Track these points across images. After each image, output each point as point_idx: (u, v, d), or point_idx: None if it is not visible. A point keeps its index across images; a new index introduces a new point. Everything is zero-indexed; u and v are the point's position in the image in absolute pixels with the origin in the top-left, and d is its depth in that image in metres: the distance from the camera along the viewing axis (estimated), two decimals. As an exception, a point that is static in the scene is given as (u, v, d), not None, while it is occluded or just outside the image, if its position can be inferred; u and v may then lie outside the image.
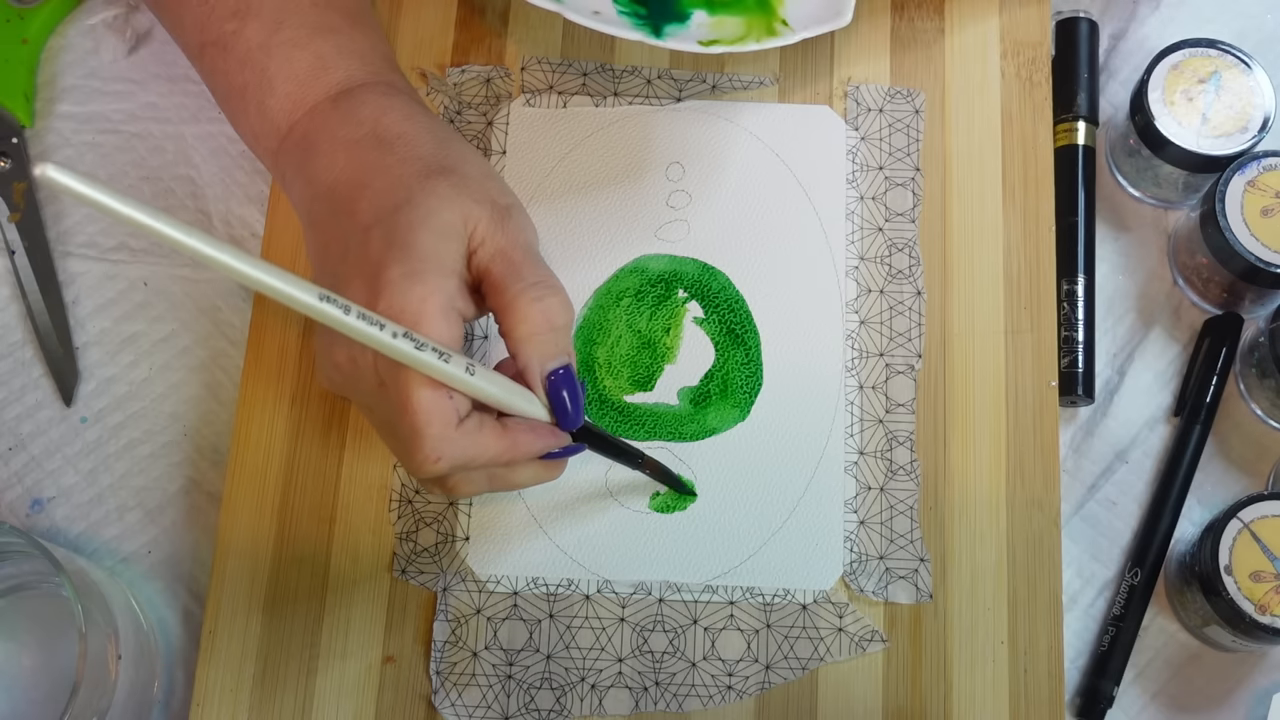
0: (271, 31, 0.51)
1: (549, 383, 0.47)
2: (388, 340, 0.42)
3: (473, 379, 0.44)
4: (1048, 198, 0.61)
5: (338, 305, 0.41)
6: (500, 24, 0.64)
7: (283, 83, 0.51)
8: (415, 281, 0.44)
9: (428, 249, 0.45)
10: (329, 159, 0.49)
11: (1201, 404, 0.60)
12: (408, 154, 0.49)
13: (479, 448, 0.46)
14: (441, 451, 0.44)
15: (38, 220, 0.64)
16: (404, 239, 0.45)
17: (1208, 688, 0.58)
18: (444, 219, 0.46)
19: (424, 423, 0.44)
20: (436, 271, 0.45)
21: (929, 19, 0.64)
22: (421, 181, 0.47)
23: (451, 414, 0.44)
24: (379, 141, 0.49)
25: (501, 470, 0.49)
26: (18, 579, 0.57)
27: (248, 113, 0.52)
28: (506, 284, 0.46)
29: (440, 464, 0.44)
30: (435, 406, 0.44)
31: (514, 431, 0.47)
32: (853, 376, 0.58)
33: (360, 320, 0.41)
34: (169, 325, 0.63)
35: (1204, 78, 0.61)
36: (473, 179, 0.48)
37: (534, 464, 0.49)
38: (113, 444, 0.61)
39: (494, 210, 0.47)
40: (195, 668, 0.55)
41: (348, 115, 0.50)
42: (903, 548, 0.56)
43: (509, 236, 0.47)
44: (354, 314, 0.41)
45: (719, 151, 0.62)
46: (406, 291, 0.44)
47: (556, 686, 0.55)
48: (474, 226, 0.47)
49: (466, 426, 0.45)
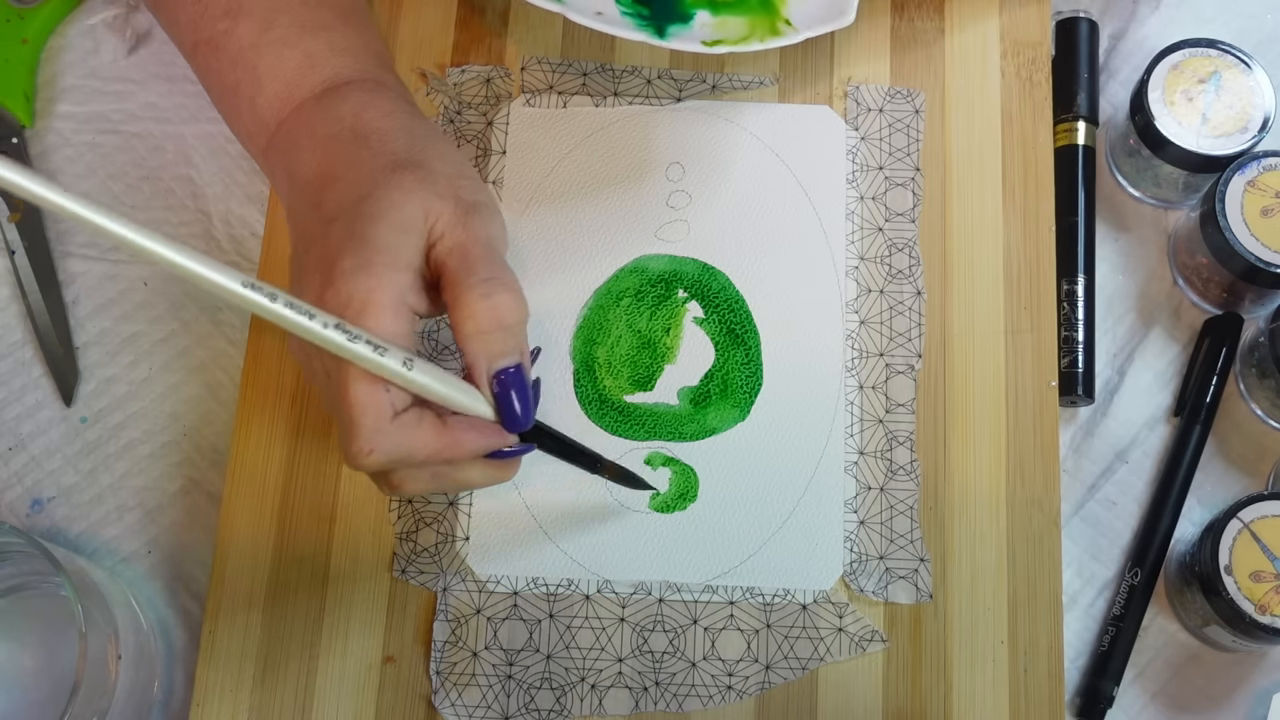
0: (262, 30, 0.51)
1: (496, 382, 0.46)
2: (317, 330, 0.42)
3: (410, 373, 0.44)
4: (1048, 198, 0.61)
5: (263, 292, 0.41)
6: (500, 24, 0.64)
7: (272, 81, 0.51)
8: (365, 273, 0.44)
9: (383, 241, 0.45)
10: (308, 154, 0.50)
11: (1201, 404, 0.60)
12: (380, 149, 0.49)
13: (415, 443, 0.45)
14: (375, 444, 0.44)
15: (38, 220, 0.64)
16: (361, 231, 0.45)
17: (1208, 688, 0.58)
18: (404, 212, 0.46)
19: (358, 414, 0.44)
20: (389, 265, 0.45)
21: (929, 19, 0.64)
22: (387, 175, 0.47)
23: (386, 407, 0.44)
24: (354, 136, 0.49)
25: (445, 468, 0.48)
26: (18, 579, 0.57)
27: (240, 112, 0.52)
28: (458, 279, 0.46)
29: (373, 456, 0.44)
30: (370, 398, 0.44)
31: (454, 429, 0.46)
32: (853, 376, 0.58)
33: (288, 309, 0.41)
34: (169, 325, 0.63)
35: (1204, 78, 0.61)
36: (440, 175, 0.48)
37: (481, 463, 0.48)
38: (113, 444, 0.61)
39: (458, 206, 0.47)
40: (195, 668, 0.55)
41: (329, 111, 0.50)
42: (903, 548, 0.56)
43: (469, 232, 0.47)
44: (280, 301, 0.41)
45: (719, 151, 0.62)
46: (355, 283, 0.44)
47: (556, 686, 0.55)
48: (434, 220, 0.46)
49: (404, 420, 0.45)
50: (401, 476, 0.47)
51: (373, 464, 0.44)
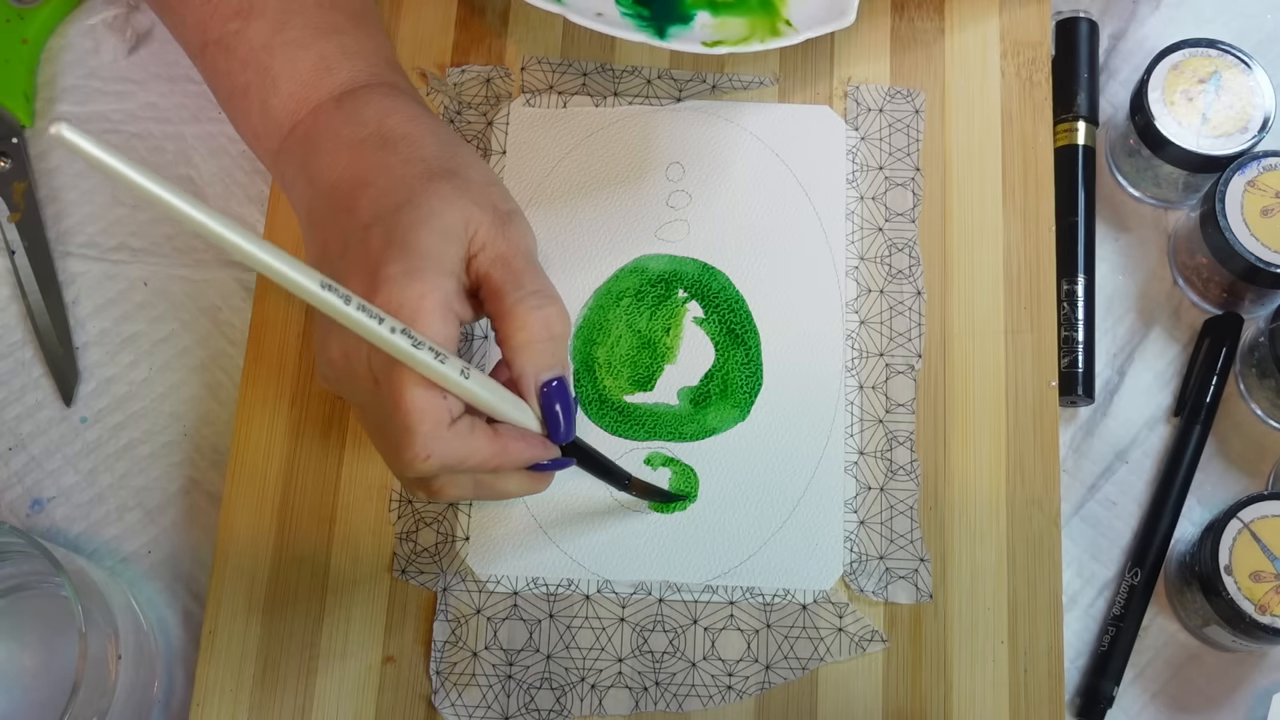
0: (275, 31, 0.51)
1: (542, 394, 0.47)
2: (385, 335, 0.42)
3: (467, 382, 0.44)
4: (1048, 198, 0.61)
5: (338, 294, 0.41)
6: (500, 24, 0.64)
7: (286, 82, 0.51)
8: (414, 279, 0.44)
9: (428, 248, 0.45)
10: (331, 158, 0.49)
11: (1201, 404, 0.60)
12: (411, 155, 0.49)
13: (469, 449, 0.45)
14: (432, 449, 0.44)
15: (38, 220, 0.64)
16: (404, 238, 0.45)
17: (1208, 688, 0.58)
18: (445, 220, 0.46)
19: (416, 420, 0.44)
20: (436, 270, 0.45)
21: (929, 19, 0.64)
22: (424, 183, 0.47)
23: (444, 413, 0.44)
24: (383, 141, 0.49)
25: (487, 477, 0.48)
26: (18, 579, 0.57)
27: (250, 112, 0.52)
28: (506, 290, 0.46)
29: (430, 462, 0.44)
30: (428, 404, 0.44)
31: (505, 438, 0.46)
32: (853, 376, 0.58)
33: (360, 312, 0.41)
34: (169, 325, 0.63)
35: (1204, 78, 0.61)
36: (475, 183, 0.48)
37: (521, 474, 0.49)
38: (113, 444, 0.61)
39: (496, 215, 0.47)
40: (195, 668, 0.55)
41: (351, 115, 0.50)
42: (903, 548, 0.56)
43: (510, 243, 0.47)
44: (354, 305, 0.41)
45: (719, 151, 0.62)
46: (405, 288, 0.44)
47: (556, 686, 0.55)
48: (475, 230, 0.47)
49: (458, 427, 0.45)
50: (444, 482, 0.47)
51: (428, 469, 0.44)
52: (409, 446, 0.44)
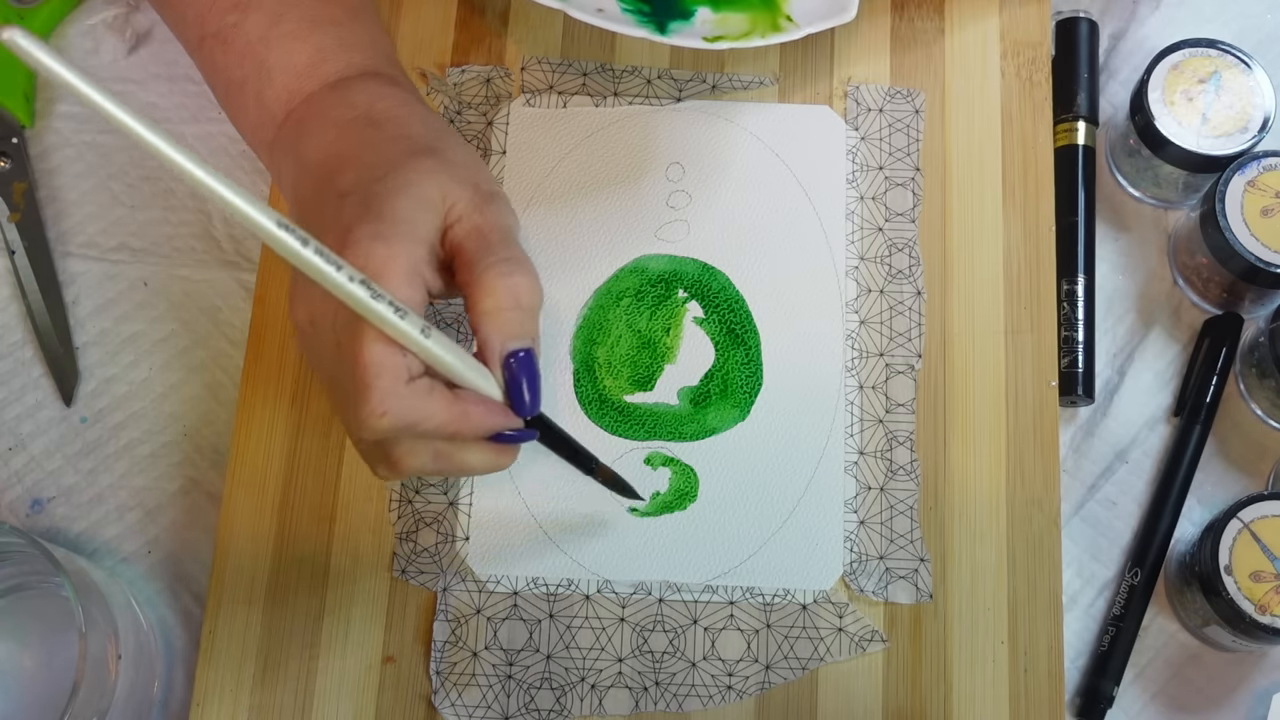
0: (271, 24, 0.51)
1: (507, 363, 0.46)
2: (342, 282, 0.41)
3: (427, 341, 0.43)
4: (1048, 198, 0.61)
5: (295, 236, 0.40)
6: (500, 24, 0.64)
7: (281, 74, 0.51)
8: (381, 242, 0.44)
9: (400, 214, 0.45)
10: (319, 138, 0.50)
11: (1201, 404, 0.60)
12: (397, 133, 0.49)
13: (426, 410, 0.44)
14: (388, 405, 0.43)
15: (38, 220, 0.64)
16: (379, 204, 0.45)
17: (1208, 688, 0.58)
18: (422, 190, 0.46)
19: (373, 375, 0.43)
20: (406, 236, 0.44)
21: (929, 19, 0.64)
22: (407, 158, 0.47)
23: (401, 369, 0.44)
24: (369, 122, 0.49)
25: (448, 447, 0.47)
26: (18, 579, 0.57)
27: (246, 106, 0.52)
28: (477, 258, 0.46)
29: (385, 419, 0.43)
30: (386, 359, 0.43)
31: (465, 401, 0.45)
32: (853, 376, 0.58)
33: (317, 256, 0.41)
34: (169, 325, 0.63)
35: (1204, 78, 0.61)
36: (458, 163, 0.48)
37: (483, 446, 0.48)
38: (113, 444, 0.61)
39: (476, 193, 0.47)
40: (195, 668, 0.55)
41: (342, 99, 0.50)
42: (903, 548, 0.56)
43: (486, 217, 0.47)
44: (311, 247, 0.40)
45: (719, 151, 0.62)
46: (371, 249, 0.43)
47: (556, 686, 0.55)
48: (452, 203, 0.47)
49: (416, 386, 0.44)
50: (403, 450, 0.46)
51: (383, 427, 0.44)
52: (365, 401, 0.43)
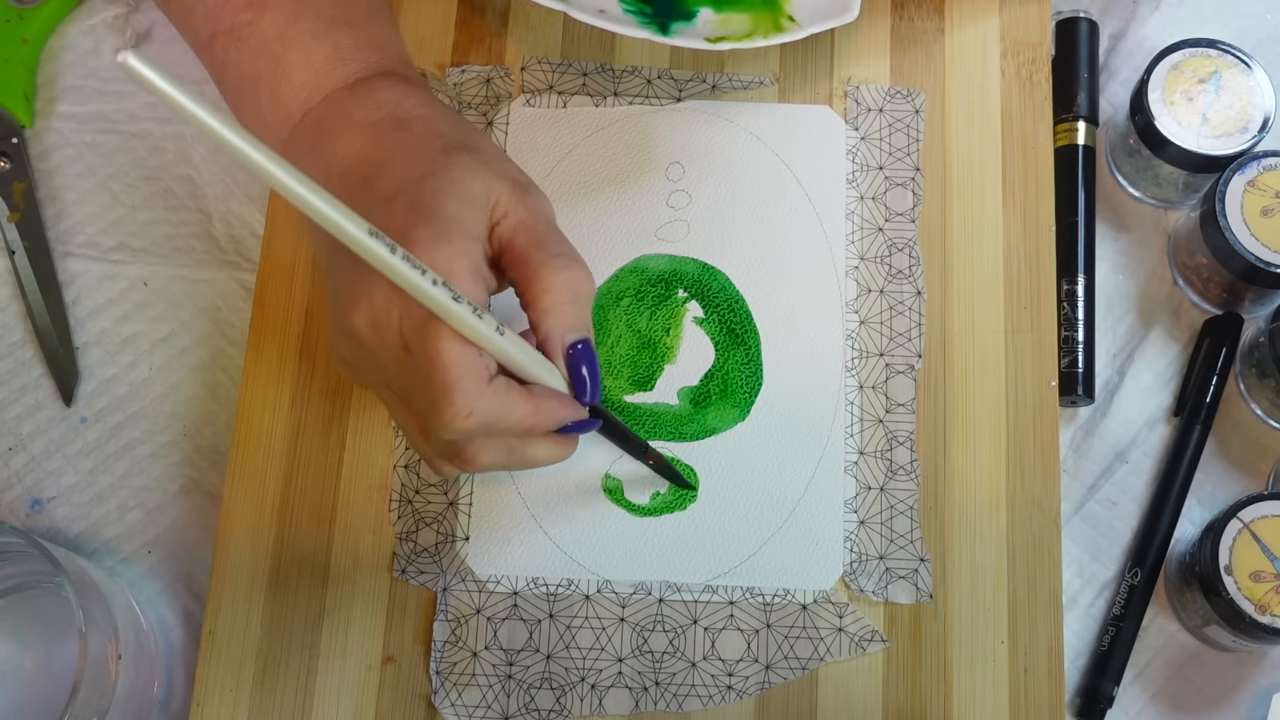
0: (289, 22, 0.51)
1: (569, 355, 0.47)
2: (428, 287, 0.41)
3: (501, 339, 0.44)
4: (1048, 198, 0.61)
5: (384, 243, 0.40)
6: (500, 24, 0.64)
7: (299, 71, 0.51)
8: (444, 242, 0.44)
9: (454, 214, 0.45)
10: (347, 140, 0.50)
11: (1201, 404, 0.60)
12: (427, 132, 0.49)
13: (507, 408, 0.45)
14: (473, 406, 0.44)
15: (38, 220, 0.64)
16: (430, 205, 0.45)
17: (1208, 688, 0.58)
18: (468, 188, 0.46)
19: (456, 377, 0.43)
20: (464, 235, 0.45)
21: (929, 19, 0.64)
22: (444, 156, 0.48)
23: (483, 369, 0.44)
24: (398, 122, 0.50)
25: (519, 442, 0.48)
26: (18, 579, 0.57)
27: (259, 102, 0.52)
28: (530, 254, 0.47)
29: (471, 420, 0.44)
30: (467, 360, 0.44)
31: (539, 397, 0.47)
32: (853, 376, 0.58)
33: (404, 262, 0.41)
34: (169, 325, 0.63)
35: (1204, 78, 0.61)
36: (492, 157, 0.49)
37: (549, 439, 0.49)
38: (113, 444, 0.61)
39: (514, 186, 0.48)
40: (195, 668, 0.55)
41: (365, 99, 0.51)
42: (903, 548, 0.56)
43: (530, 210, 0.48)
44: (399, 254, 0.41)
45: (719, 151, 0.62)
46: (435, 251, 0.44)
47: (556, 686, 0.55)
48: (496, 199, 0.47)
49: (496, 385, 0.45)
50: (479, 446, 0.47)
51: (469, 427, 0.44)
52: (449, 404, 0.44)
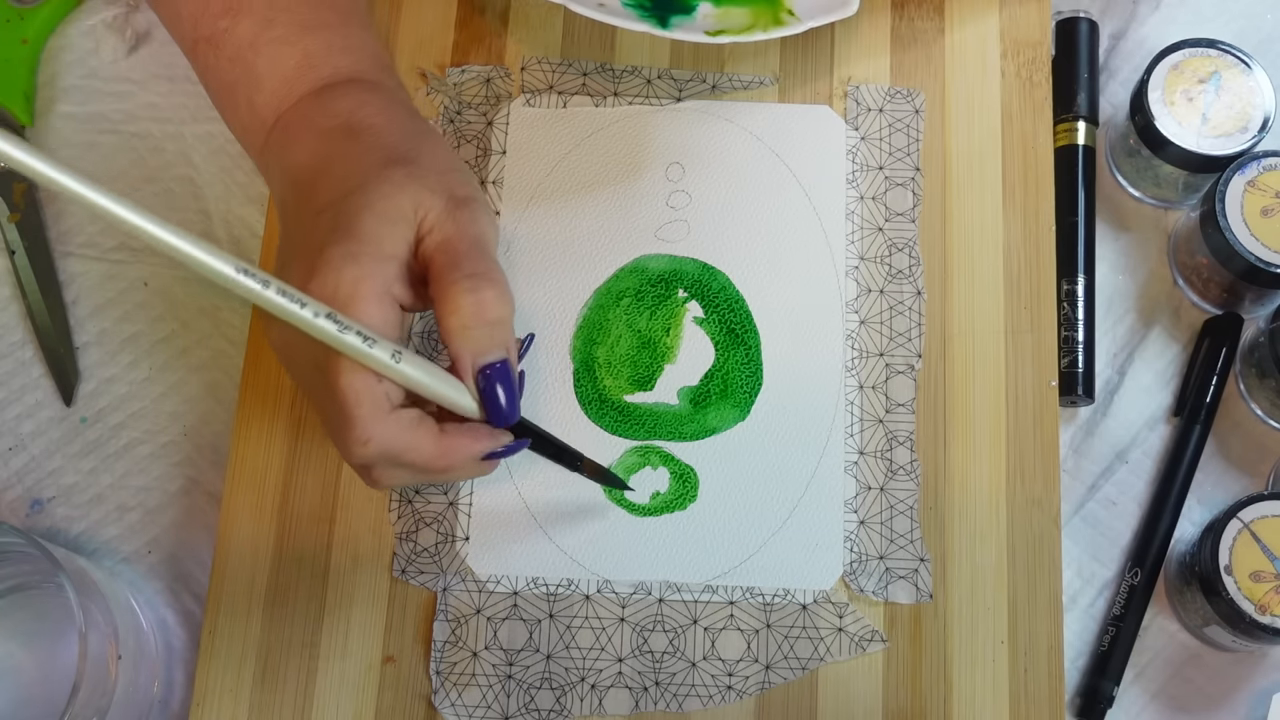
0: (262, 28, 0.51)
1: (481, 376, 0.47)
2: (308, 318, 0.42)
3: (398, 365, 0.44)
4: (1048, 198, 0.61)
5: (256, 279, 0.41)
6: (500, 24, 0.64)
7: (270, 79, 0.51)
8: (351, 262, 0.44)
9: (369, 232, 0.45)
10: (302, 146, 0.50)
11: (1201, 404, 0.60)
12: (373, 143, 0.49)
13: (411, 443, 0.45)
14: (370, 433, 0.44)
15: (38, 220, 0.64)
16: (349, 222, 0.45)
17: (1208, 688, 0.58)
18: (393, 203, 0.46)
19: (353, 404, 0.44)
20: (375, 255, 0.45)
21: (929, 18, 0.64)
22: (379, 169, 0.47)
23: (381, 397, 0.44)
24: (348, 131, 0.49)
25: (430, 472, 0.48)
26: (18, 579, 0.57)
27: (238, 109, 0.53)
28: (443, 273, 0.46)
29: (370, 447, 0.44)
30: (364, 388, 0.44)
31: (451, 436, 0.47)
32: (853, 376, 0.58)
33: (280, 296, 0.41)
34: (169, 325, 0.63)
35: (1204, 78, 0.61)
36: (432, 170, 0.48)
37: (469, 463, 0.49)
38: (113, 444, 0.61)
39: (449, 201, 0.47)
40: (195, 668, 0.55)
41: (326, 106, 0.51)
42: (903, 548, 0.56)
43: (458, 227, 0.47)
44: (273, 289, 0.41)
45: (719, 151, 0.62)
46: (341, 271, 0.44)
47: (556, 686, 0.55)
48: (424, 215, 0.47)
49: (401, 418, 0.45)
50: (381, 471, 0.47)
51: (370, 454, 0.45)
52: (349, 430, 0.44)
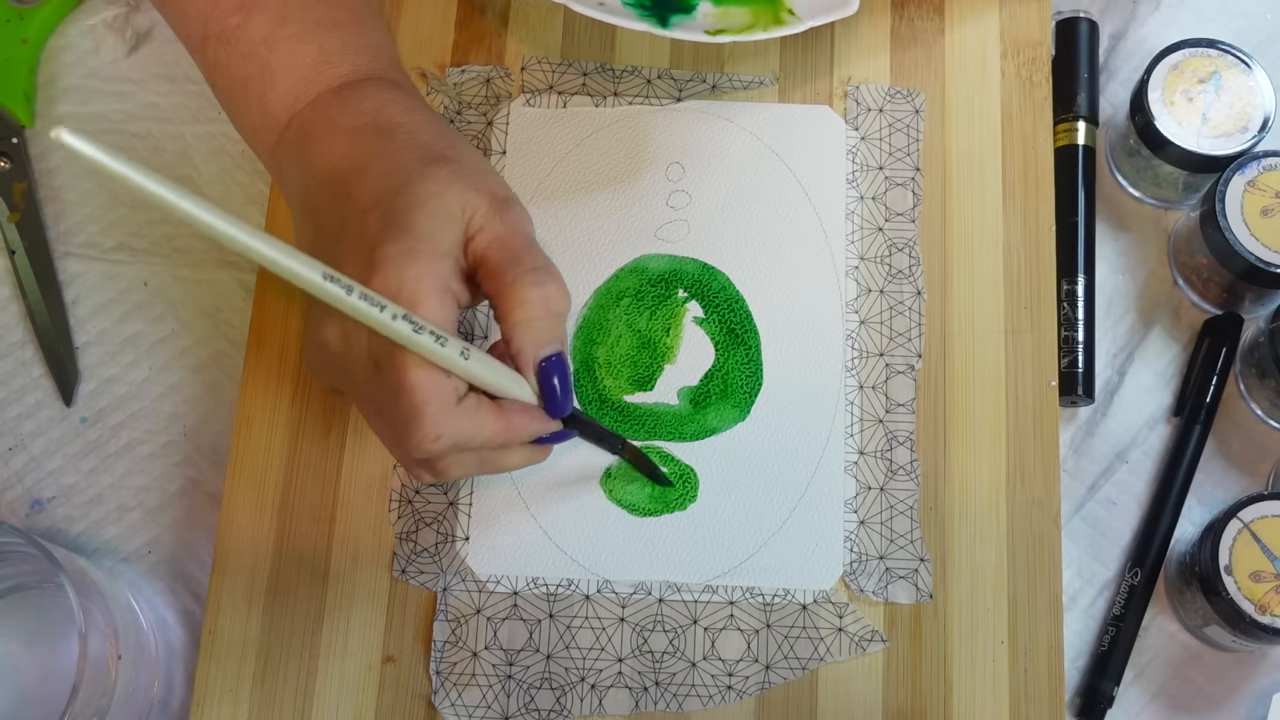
0: (276, 25, 0.51)
1: (541, 368, 0.47)
2: (387, 321, 0.42)
3: (468, 363, 0.45)
4: (1048, 198, 0.61)
5: (341, 285, 0.41)
6: (500, 24, 0.64)
7: (285, 76, 0.51)
8: (411, 260, 0.44)
9: (424, 229, 0.45)
10: (328, 145, 0.50)
11: (1201, 404, 0.60)
12: (409, 141, 0.49)
13: (476, 427, 0.46)
14: (442, 429, 0.45)
15: (38, 220, 0.64)
16: (401, 220, 0.46)
17: (1208, 688, 0.58)
18: (442, 202, 0.46)
19: (423, 401, 0.44)
20: (432, 252, 0.45)
21: (929, 18, 0.64)
22: (421, 167, 0.48)
23: (450, 392, 0.45)
24: (380, 130, 0.50)
25: (492, 453, 0.49)
26: (18, 579, 0.57)
27: (249, 107, 0.52)
28: (504, 269, 0.47)
29: (440, 442, 0.45)
30: (434, 385, 0.44)
31: (509, 413, 0.47)
32: (853, 376, 0.58)
33: (362, 300, 0.42)
34: (169, 325, 0.63)
35: (1204, 78, 0.61)
36: (472, 170, 0.49)
37: (524, 447, 0.50)
38: (113, 444, 0.61)
39: (492, 200, 0.48)
40: (195, 668, 0.55)
41: (349, 105, 0.51)
42: (903, 548, 0.56)
43: (507, 225, 0.48)
44: (356, 294, 0.42)
45: (719, 151, 0.62)
46: (403, 269, 0.44)
47: (556, 686, 0.55)
48: (472, 213, 0.47)
49: (465, 405, 0.46)
50: (450, 461, 0.48)
51: (439, 449, 0.45)
52: (418, 428, 0.44)
